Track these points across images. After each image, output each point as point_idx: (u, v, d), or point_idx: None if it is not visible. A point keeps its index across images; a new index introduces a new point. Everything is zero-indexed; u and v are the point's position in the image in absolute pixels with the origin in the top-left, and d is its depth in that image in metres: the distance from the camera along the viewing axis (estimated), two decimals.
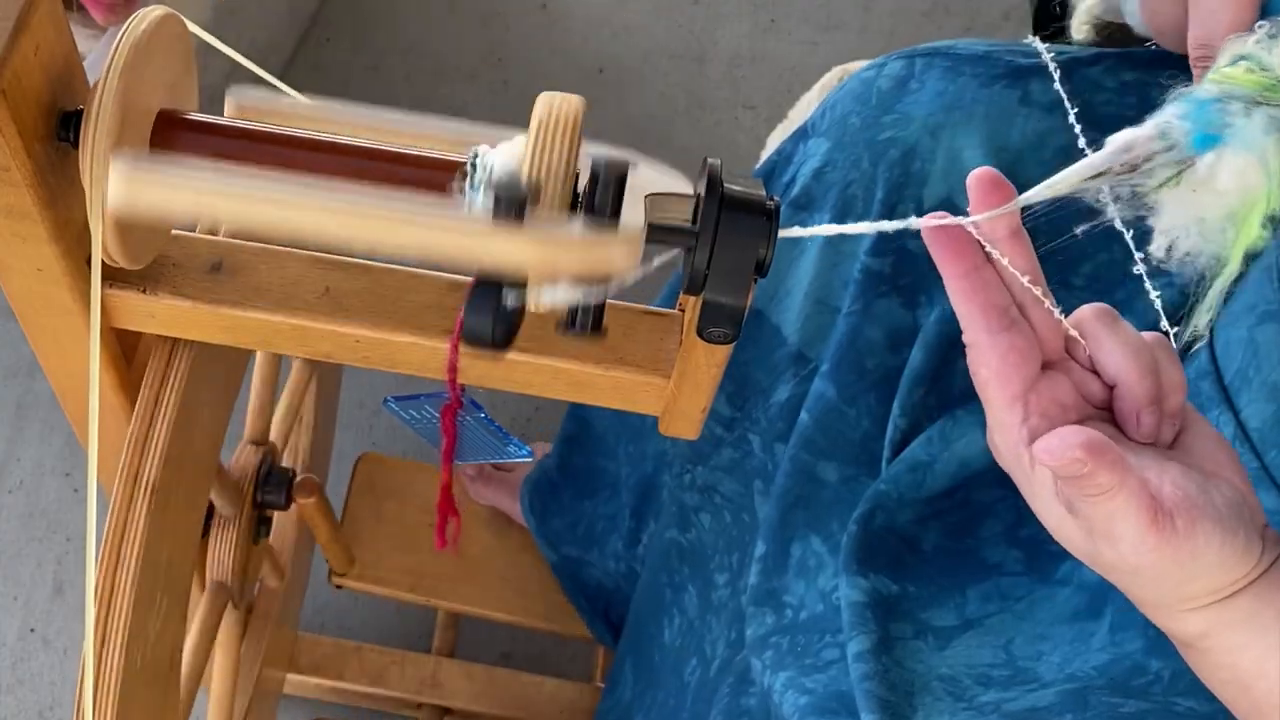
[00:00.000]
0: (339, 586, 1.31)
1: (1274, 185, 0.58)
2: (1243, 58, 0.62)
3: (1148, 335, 0.59)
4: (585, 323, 0.56)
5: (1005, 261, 0.57)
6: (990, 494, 0.84)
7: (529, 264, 0.53)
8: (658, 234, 0.56)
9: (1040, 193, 0.58)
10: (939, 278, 0.84)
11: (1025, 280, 0.57)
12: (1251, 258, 0.61)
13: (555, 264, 0.53)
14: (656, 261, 0.58)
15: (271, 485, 0.99)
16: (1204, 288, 0.68)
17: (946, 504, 0.84)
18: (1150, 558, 0.54)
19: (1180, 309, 0.81)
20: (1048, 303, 0.58)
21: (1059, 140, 0.83)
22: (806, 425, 0.87)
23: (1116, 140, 0.59)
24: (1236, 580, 0.55)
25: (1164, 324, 0.77)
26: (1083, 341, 0.58)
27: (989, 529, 0.84)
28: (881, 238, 0.86)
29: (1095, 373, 0.59)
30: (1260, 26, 0.63)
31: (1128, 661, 0.74)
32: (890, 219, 0.85)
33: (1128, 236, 0.69)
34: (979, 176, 0.57)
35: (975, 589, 0.82)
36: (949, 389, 0.84)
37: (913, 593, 0.82)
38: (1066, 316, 0.59)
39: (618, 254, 0.53)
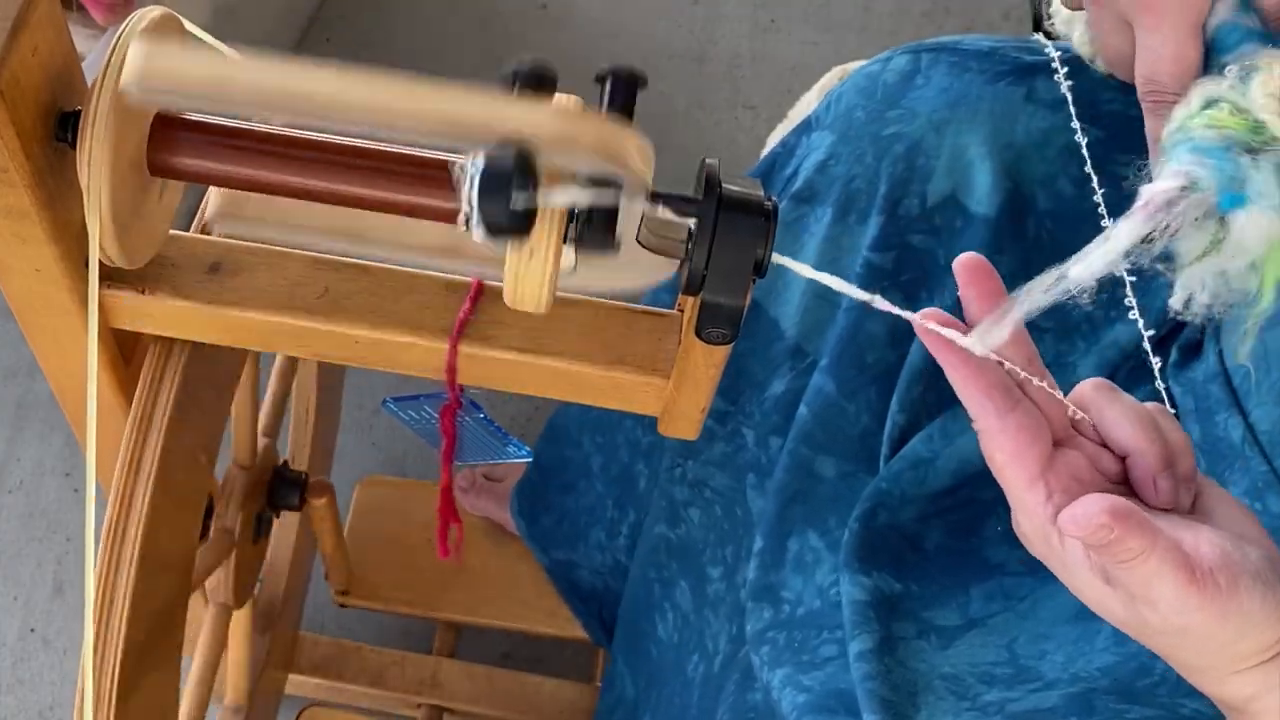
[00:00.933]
0: (343, 605, 1.33)
1: None
2: (1220, 100, 0.63)
3: (1149, 405, 0.59)
4: (596, 231, 0.54)
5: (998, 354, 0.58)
6: (992, 493, 0.83)
7: (545, 132, 0.51)
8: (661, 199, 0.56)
9: (1080, 275, 0.57)
10: (941, 274, 0.85)
11: (1025, 374, 0.58)
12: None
13: (571, 135, 0.51)
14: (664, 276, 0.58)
15: (284, 485, 1.01)
16: (1226, 323, 0.68)
17: (949, 502, 0.84)
18: (1196, 617, 0.54)
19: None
20: (1047, 385, 0.58)
21: (1063, 138, 0.83)
22: (805, 420, 0.87)
23: (1152, 200, 0.59)
24: None
25: (1145, 343, 0.77)
26: (1086, 416, 0.59)
27: (991, 528, 0.84)
28: (884, 232, 0.85)
29: (1104, 446, 0.58)
30: (1230, 70, 0.64)
31: (1133, 662, 0.74)
32: (894, 214, 0.86)
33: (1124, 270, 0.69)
34: (964, 263, 0.58)
35: (978, 588, 0.82)
36: (948, 386, 0.84)
37: (915, 591, 0.82)
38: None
39: (633, 147, 0.52)
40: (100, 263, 0.60)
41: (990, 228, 0.84)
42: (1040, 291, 0.57)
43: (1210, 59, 0.67)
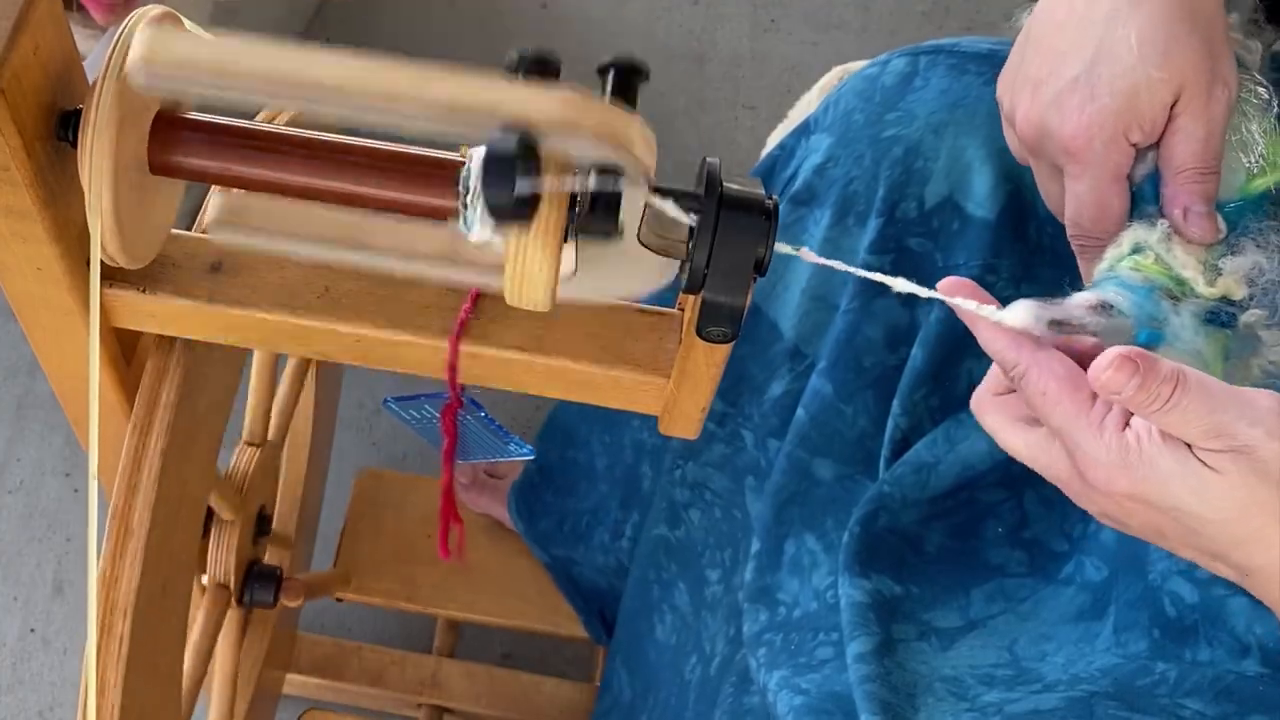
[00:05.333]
0: (340, 600, 1.33)
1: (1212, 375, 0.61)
2: (1146, 248, 0.66)
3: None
4: (599, 219, 0.54)
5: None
6: (993, 495, 0.84)
7: (549, 116, 0.51)
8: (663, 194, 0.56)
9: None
10: (939, 276, 0.85)
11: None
12: None
13: (575, 120, 0.51)
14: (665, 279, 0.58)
15: (260, 583, 1.01)
16: None
17: (950, 504, 0.84)
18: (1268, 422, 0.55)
19: None
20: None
21: None
22: (803, 422, 0.87)
23: (1083, 299, 0.62)
24: None
25: None
26: None
27: (991, 530, 0.84)
28: (882, 235, 0.85)
29: None
30: (1160, 223, 0.66)
31: (1132, 664, 0.74)
32: (892, 217, 0.86)
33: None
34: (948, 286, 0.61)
35: (979, 590, 0.82)
36: (952, 390, 0.84)
37: (916, 594, 0.82)
38: None
39: (637, 133, 0.52)
40: (101, 262, 0.60)
41: (990, 231, 0.84)
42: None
43: (1138, 206, 0.68)
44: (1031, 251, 0.85)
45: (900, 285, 0.61)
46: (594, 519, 1.18)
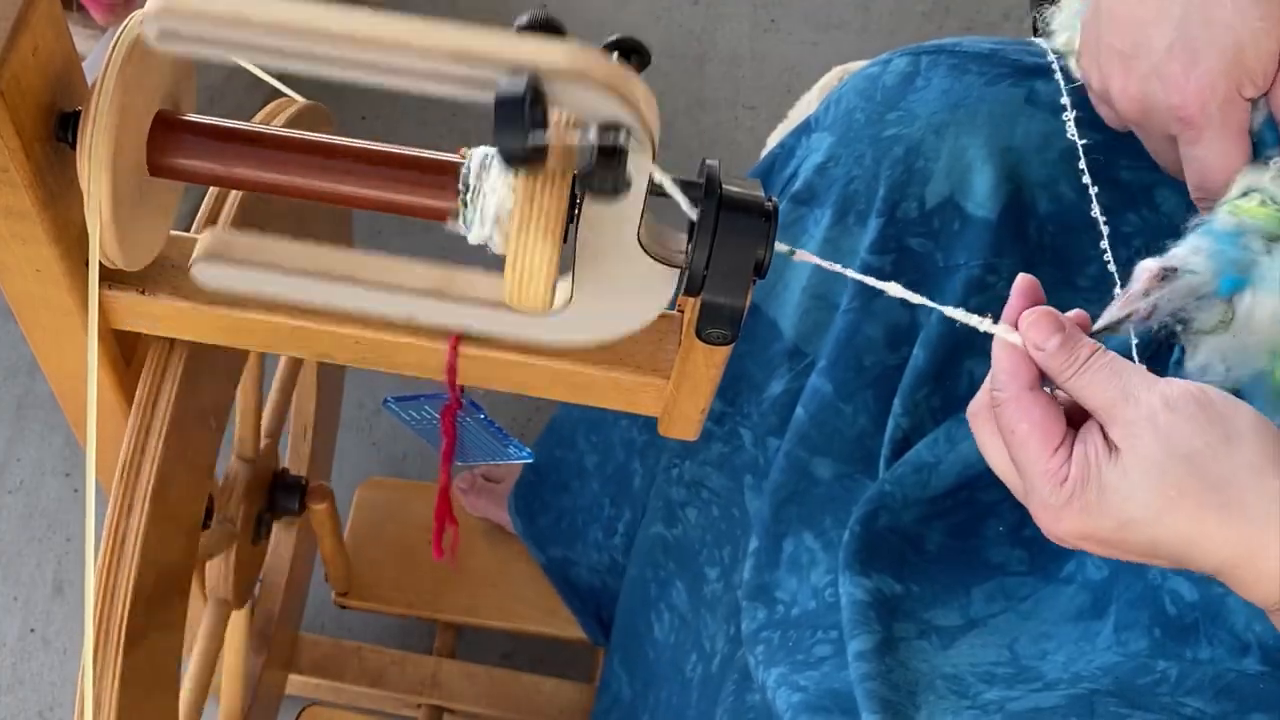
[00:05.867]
0: (343, 607, 1.33)
1: None
2: (1256, 190, 0.64)
3: None
4: (605, 171, 0.53)
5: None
6: (994, 494, 0.84)
7: (557, 64, 0.52)
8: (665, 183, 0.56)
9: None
10: (939, 276, 0.85)
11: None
12: None
13: (584, 70, 0.52)
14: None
15: (284, 490, 1.01)
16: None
17: (950, 503, 0.84)
18: (1200, 435, 0.55)
19: None
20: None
21: (1064, 141, 0.82)
22: (802, 421, 0.87)
23: (1147, 269, 0.61)
24: None
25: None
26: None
27: (992, 529, 0.84)
28: (883, 235, 0.85)
29: None
30: (1273, 162, 0.64)
31: (1133, 662, 0.74)
32: (892, 217, 0.86)
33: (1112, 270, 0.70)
34: (1020, 285, 0.61)
35: (980, 588, 0.82)
36: (954, 390, 0.84)
37: (916, 592, 0.82)
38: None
39: (642, 92, 0.53)
40: (100, 263, 0.60)
41: (991, 231, 0.84)
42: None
43: (1256, 152, 0.67)
44: (1032, 251, 0.85)
45: (894, 291, 0.62)
46: (588, 516, 1.18)
